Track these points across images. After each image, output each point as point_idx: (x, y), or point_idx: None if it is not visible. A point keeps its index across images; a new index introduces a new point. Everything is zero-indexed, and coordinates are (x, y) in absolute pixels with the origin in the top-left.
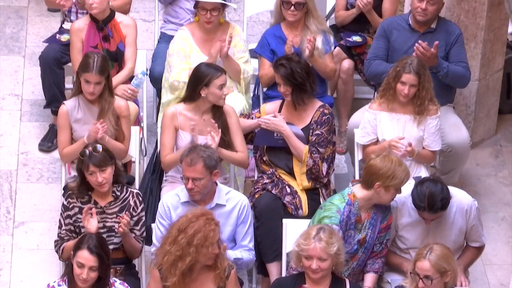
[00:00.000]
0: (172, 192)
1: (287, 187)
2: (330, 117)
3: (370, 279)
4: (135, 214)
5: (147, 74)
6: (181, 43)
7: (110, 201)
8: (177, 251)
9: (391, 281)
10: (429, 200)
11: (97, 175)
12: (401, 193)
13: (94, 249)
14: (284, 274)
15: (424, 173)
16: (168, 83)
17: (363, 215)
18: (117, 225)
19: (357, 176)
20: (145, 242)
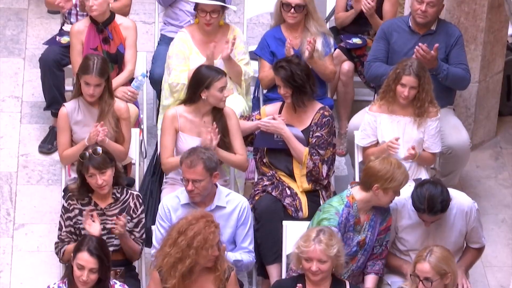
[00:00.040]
0: (172, 194)
1: (287, 189)
2: (330, 119)
3: (371, 280)
4: (135, 216)
5: (147, 76)
6: (180, 45)
7: (110, 203)
8: (177, 253)
9: (391, 283)
10: (429, 202)
11: (97, 177)
12: (400, 195)
13: (94, 251)
14: (284, 276)
15: (424, 175)
16: (167, 84)
17: (362, 217)
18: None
19: (357, 178)
20: (145, 244)
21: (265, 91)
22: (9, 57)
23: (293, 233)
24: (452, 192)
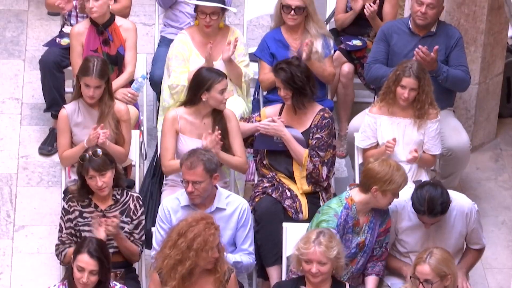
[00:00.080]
0: (172, 196)
1: (287, 190)
2: (330, 120)
3: (371, 281)
4: (135, 218)
5: (147, 78)
6: (180, 47)
7: (111, 205)
8: (177, 255)
9: (391, 285)
10: (429, 204)
11: (97, 179)
12: (400, 197)
13: (94, 253)
14: (284, 278)
15: (424, 177)
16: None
17: (361, 219)
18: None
19: (357, 180)
20: (145, 246)
21: (265, 93)
22: (9, 59)
23: (293, 235)
24: (452, 193)
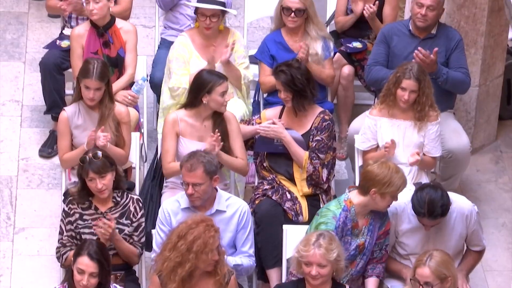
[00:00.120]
0: (172, 198)
1: (287, 193)
2: (331, 123)
3: (372, 283)
4: (134, 220)
5: (147, 80)
6: (180, 49)
7: (111, 207)
8: (177, 258)
9: (391, 287)
10: (429, 206)
11: (97, 182)
12: (400, 199)
13: (95, 255)
14: (284, 280)
15: (424, 179)
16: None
17: (360, 221)
18: (117, 231)
19: (357, 182)
20: (145, 248)
21: (265, 95)
22: (9, 61)
23: (293, 237)
24: (452, 195)
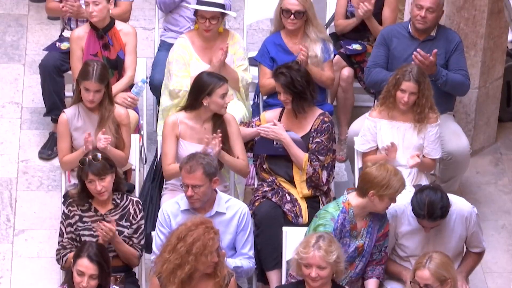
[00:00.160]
0: (172, 200)
1: (287, 195)
2: (330, 125)
3: (372, 284)
4: (134, 222)
5: (147, 82)
6: (180, 51)
7: (110, 209)
8: (176, 260)
9: None
10: (428, 208)
11: (96, 184)
12: (399, 201)
13: (94, 257)
14: (284, 282)
15: (424, 181)
16: (168, 90)
17: (358, 223)
18: (117, 233)
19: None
20: (145, 250)
21: (265, 97)
22: (9, 63)
23: (293, 239)
24: (452, 197)
